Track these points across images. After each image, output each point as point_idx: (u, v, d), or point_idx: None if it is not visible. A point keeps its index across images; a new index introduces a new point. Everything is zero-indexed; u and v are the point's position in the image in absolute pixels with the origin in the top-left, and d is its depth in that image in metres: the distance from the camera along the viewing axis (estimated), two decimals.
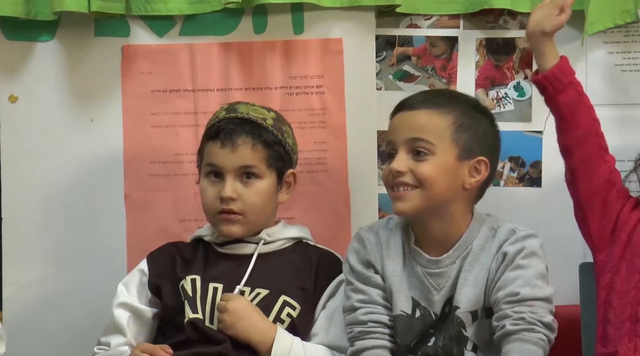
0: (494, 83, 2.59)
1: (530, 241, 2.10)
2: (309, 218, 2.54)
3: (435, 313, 2.12)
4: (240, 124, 2.23)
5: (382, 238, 2.18)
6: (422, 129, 2.09)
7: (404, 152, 2.09)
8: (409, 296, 2.14)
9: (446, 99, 2.14)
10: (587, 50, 2.54)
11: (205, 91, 2.61)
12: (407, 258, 2.16)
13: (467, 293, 2.09)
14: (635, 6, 2.48)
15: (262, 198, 2.23)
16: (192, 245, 2.31)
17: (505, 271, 2.07)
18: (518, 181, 2.58)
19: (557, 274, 2.35)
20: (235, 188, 2.22)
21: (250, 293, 2.21)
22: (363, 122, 2.57)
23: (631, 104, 2.53)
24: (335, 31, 2.58)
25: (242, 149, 2.21)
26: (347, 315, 2.16)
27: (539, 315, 2.02)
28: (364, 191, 2.57)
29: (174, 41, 2.60)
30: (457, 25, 2.59)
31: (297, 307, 2.20)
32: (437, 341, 2.12)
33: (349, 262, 2.19)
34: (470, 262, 2.12)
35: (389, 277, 2.15)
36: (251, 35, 2.59)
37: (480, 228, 2.14)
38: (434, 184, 2.08)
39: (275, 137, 2.25)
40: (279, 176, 2.26)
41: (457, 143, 2.09)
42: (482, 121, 2.15)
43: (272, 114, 2.29)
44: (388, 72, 2.61)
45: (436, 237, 2.14)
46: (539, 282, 2.06)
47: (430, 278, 2.13)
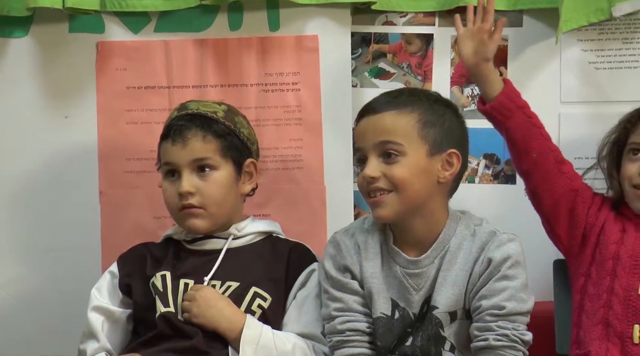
0: (469, 80, 2.59)
1: (513, 247, 2.10)
2: (285, 214, 2.55)
3: (414, 313, 2.12)
4: (190, 120, 2.23)
5: (359, 240, 2.17)
6: (388, 131, 2.09)
7: (375, 157, 2.09)
8: (388, 297, 2.14)
9: (407, 98, 2.13)
10: (561, 48, 2.55)
11: (180, 87, 2.60)
12: (386, 259, 2.16)
13: (446, 293, 2.10)
14: (609, 4, 2.48)
15: (221, 188, 2.23)
16: (162, 244, 2.32)
17: (491, 280, 2.07)
18: (493, 178, 2.59)
19: (532, 271, 2.35)
20: (192, 182, 2.21)
21: (221, 286, 2.21)
22: (339, 119, 2.57)
23: (605, 101, 2.54)
24: (310, 28, 2.58)
25: (192, 143, 2.21)
26: (326, 323, 2.16)
27: (521, 332, 2.05)
28: (339, 188, 2.58)
29: (149, 38, 2.60)
30: (433, 22, 2.60)
31: (268, 298, 2.21)
32: (415, 341, 2.12)
33: (324, 268, 2.18)
34: (448, 261, 2.12)
35: (368, 279, 2.14)
36: (227, 32, 2.59)
37: (457, 226, 2.14)
38: (409, 185, 2.08)
39: (227, 128, 2.25)
40: (237, 166, 2.26)
41: (426, 139, 2.09)
42: (447, 114, 2.15)
43: (224, 107, 2.29)
44: (364, 69, 2.62)
45: (417, 236, 2.14)
46: (524, 295, 2.08)
47: (410, 279, 2.13)
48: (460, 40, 2.21)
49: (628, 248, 2.19)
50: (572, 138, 2.52)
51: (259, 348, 2.13)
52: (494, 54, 2.18)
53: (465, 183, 2.57)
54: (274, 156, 2.58)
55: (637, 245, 2.19)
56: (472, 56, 2.18)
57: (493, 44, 2.18)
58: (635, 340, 2.14)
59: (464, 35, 2.21)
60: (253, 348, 2.13)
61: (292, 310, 2.22)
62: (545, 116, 2.53)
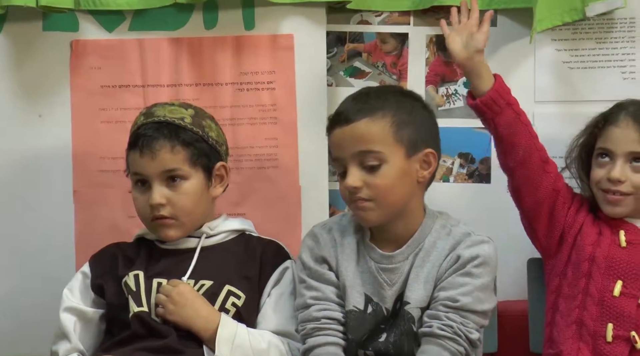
0: (443, 80, 2.60)
1: (485, 248, 2.11)
2: (260, 213, 2.55)
3: (387, 309, 2.13)
4: (157, 129, 2.21)
5: (335, 235, 2.18)
6: (365, 140, 2.08)
7: (355, 166, 2.09)
8: (362, 291, 2.14)
9: (376, 101, 2.12)
10: (535, 48, 2.56)
11: (155, 86, 2.59)
12: (361, 254, 2.17)
13: (417, 289, 2.11)
14: (583, 4, 2.50)
15: (192, 198, 2.23)
16: (135, 244, 2.31)
17: (454, 274, 2.08)
18: (467, 177, 2.60)
19: (506, 269, 2.38)
20: (162, 193, 2.21)
21: (195, 285, 2.21)
22: (314, 118, 2.57)
23: (578, 101, 2.56)
24: (286, 27, 2.57)
25: (161, 154, 2.20)
26: (300, 312, 2.16)
27: (468, 329, 2.05)
28: (314, 187, 2.58)
29: (124, 36, 2.59)
30: (408, 22, 2.61)
31: (241, 296, 2.21)
32: (389, 337, 2.13)
33: (301, 259, 2.19)
34: (422, 258, 2.13)
35: (342, 273, 2.15)
36: (202, 30, 2.58)
37: (433, 225, 2.15)
38: (392, 191, 2.09)
39: (195, 134, 2.23)
40: (207, 172, 2.25)
41: (402, 142, 2.10)
42: (415, 108, 2.15)
43: (191, 111, 2.27)
44: (339, 68, 2.62)
45: (395, 233, 2.15)
46: (482, 295, 2.08)
47: (383, 274, 2.14)
48: (449, 39, 2.21)
49: (604, 250, 2.19)
50: (546, 137, 2.51)
51: (235, 347, 2.13)
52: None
53: (440, 182, 2.58)
54: (249, 155, 2.57)
55: (613, 247, 2.20)
56: (464, 50, 2.18)
57: (482, 34, 2.18)
58: (608, 338, 2.15)
59: (451, 34, 2.21)
60: (229, 348, 2.13)
61: (266, 308, 2.22)
62: None
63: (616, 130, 2.21)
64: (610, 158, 2.21)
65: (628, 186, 2.19)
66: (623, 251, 2.19)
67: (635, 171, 2.20)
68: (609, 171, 2.20)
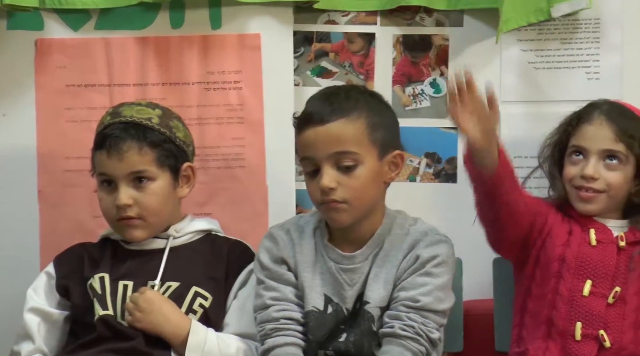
0: (410, 80, 2.61)
1: (443, 248, 2.12)
2: (227, 213, 2.54)
3: (347, 309, 2.13)
4: (124, 129, 2.20)
5: (293, 236, 2.18)
6: (342, 141, 2.07)
7: (329, 167, 2.08)
8: (321, 292, 2.14)
9: (347, 101, 2.11)
10: (501, 48, 2.57)
11: (121, 85, 2.58)
12: (320, 255, 2.16)
13: (377, 288, 2.11)
14: (549, 5, 2.51)
15: (159, 199, 2.22)
16: (100, 245, 2.30)
17: (414, 274, 2.09)
18: (434, 177, 2.61)
19: (471, 269, 2.38)
20: (129, 194, 2.20)
21: (161, 287, 2.20)
22: (281, 118, 2.56)
23: (544, 101, 2.57)
24: (252, 26, 2.57)
25: (129, 155, 2.19)
26: (259, 313, 2.15)
27: (428, 329, 2.06)
28: (281, 187, 2.57)
29: (89, 35, 2.57)
30: (375, 21, 2.61)
31: (208, 297, 2.20)
32: (349, 337, 2.13)
33: (260, 260, 2.18)
34: (381, 258, 2.13)
35: (301, 274, 2.15)
36: (168, 29, 2.57)
37: (392, 225, 2.16)
38: (365, 192, 2.09)
39: (162, 135, 2.22)
40: (174, 173, 2.25)
41: (375, 143, 2.10)
42: (383, 110, 2.15)
43: (158, 112, 2.26)
44: (306, 68, 2.62)
45: (356, 233, 2.15)
46: (441, 294, 2.09)
47: (344, 274, 2.13)
48: (463, 123, 2.02)
49: (573, 250, 2.20)
50: (511, 137, 2.54)
51: (205, 354, 2.12)
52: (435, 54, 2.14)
53: (407, 181, 2.59)
54: (216, 155, 2.57)
55: (583, 247, 2.21)
56: (483, 138, 2.02)
57: (496, 115, 2.04)
58: (577, 337, 2.16)
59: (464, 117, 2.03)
60: (199, 355, 2.12)
61: (233, 310, 2.22)
62: None
63: (590, 128, 2.22)
64: (584, 156, 2.22)
65: (601, 184, 2.21)
66: (593, 250, 2.20)
67: (609, 169, 2.21)
68: (583, 168, 2.21)
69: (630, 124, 2.23)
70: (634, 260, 2.20)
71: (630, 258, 2.20)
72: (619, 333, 2.17)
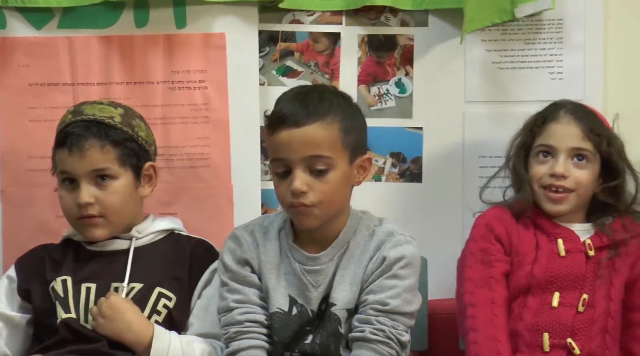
0: (375, 79, 2.61)
1: (409, 249, 2.11)
2: (192, 213, 2.53)
3: (312, 310, 2.13)
4: (86, 127, 2.19)
5: (257, 237, 2.17)
6: (316, 145, 2.06)
7: (302, 170, 2.07)
8: (286, 293, 2.14)
9: (321, 104, 2.09)
10: (465, 48, 2.58)
11: (85, 84, 2.56)
12: (285, 256, 2.16)
13: (343, 290, 2.11)
14: (512, 5, 2.52)
15: (120, 197, 2.20)
16: (62, 246, 2.28)
17: (381, 277, 2.09)
18: (399, 176, 2.62)
19: (436, 268, 2.40)
20: (90, 192, 2.18)
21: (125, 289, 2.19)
22: (246, 118, 2.57)
23: (508, 101, 2.58)
24: (217, 26, 2.56)
25: (91, 153, 2.18)
26: (223, 316, 2.14)
27: (398, 332, 2.06)
28: (247, 187, 2.57)
29: (53, 34, 2.55)
30: (340, 21, 2.61)
31: (172, 298, 2.19)
32: (315, 339, 2.12)
33: (223, 262, 2.17)
34: (347, 259, 2.13)
35: (265, 275, 2.14)
36: (132, 29, 2.56)
37: (357, 226, 2.15)
38: (336, 197, 2.09)
39: (125, 133, 2.21)
40: (136, 172, 2.24)
41: (347, 147, 2.09)
42: (354, 112, 2.15)
43: (120, 111, 2.25)
44: (271, 67, 2.61)
45: (321, 235, 2.14)
46: (409, 296, 2.09)
47: (308, 275, 2.13)
48: None
49: (542, 265, 2.20)
50: (476, 137, 2.56)
51: None
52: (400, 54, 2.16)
53: (372, 181, 2.59)
54: (181, 155, 2.56)
55: (552, 260, 2.21)
56: None
57: None
58: (545, 348, 2.16)
59: None
60: None
61: (197, 310, 2.21)
62: (450, 114, 2.59)
63: (558, 126, 2.23)
64: (552, 155, 2.23)
65: (571, 182, 2.21)
66: (562, 262, 2.21)
67: (578, 167, 2.22)
68: (552, 167, 2.22)
69: (596, 123, 2.24)
70: (602, 266, 2.21)
71: (598, 265, 2.21)
72: (588, 339, 2.18)
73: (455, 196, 2.56)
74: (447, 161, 2.58)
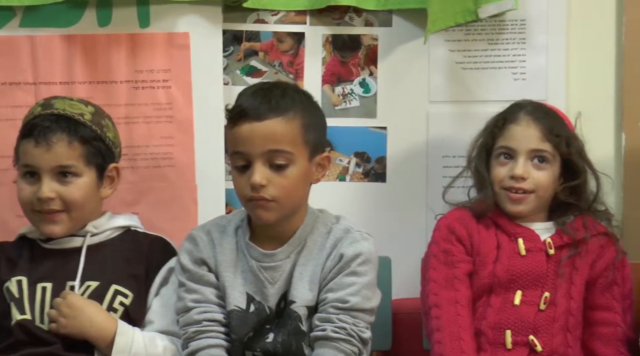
0: (340, 79, 2.62)
1: (366, 245, 2.12)
2: (156, 213, 2.53)
3: (270, 307, 2.13)
4: (55, 121, 2.17)
5: (214, 236, 2.17)
6: (277, 140, 2.06)
7: (261, 164, 2.07)
8: (244, 291, 2.14)
9: (283, 99, 2.10)
10: (429, 48, 2.59)
11: (47, 84, 2.55)
12: (241, 253, 2.16)
13: (302, 288, 2.11)
14: (475, 5, 2.53)
15: (82, 195, 2.19)
16: (17, 244, 2.25)
17: (340, 274, 2.09)
18: (363, 176, 2.62)
19: (400, 267, 2.41)
20: (52, 187, 2.16)
21: (80, 287, 2.17)
22: (210, 117, 2.56)
23: (471, 101, 2.60)
24: (181, 25, 2.56)
25: (57, 148, 2.16)
26: (181, 316, 2.14)
27: (359, 328, 2.06)
28: (211, 186, 2.57)
29: (14, 33, 2.53)
30: (304, 21, 2.61)
31: (129, 295, 2.18)
32: (277, 337, 2.12)
33: (180, 262, 2.17)
34: (305, 257, 2.13)
35: (221, 273, 2.14)
36: (95, 27, 2.55)
37: (315, 223, 2.16)
38: (294, 192, 2.09)
39: (94, 132, 2.20)
40: (99, 172, 2.22)
41: (307, 144, 2.10)
42: (316, 110, 2.16)
43: (91, 109, 2.23)
44: (235, 67, 2.61)
45: (278, 232, 2.14)
46: (369, 293, 2.10)
47: (265, 272, 2.13)
48: None
49: (504, 264, 2.21)
50: (439, 137, 2.57)
51: (132, 355, 2.10)
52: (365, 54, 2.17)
53: (337, 181, 2.60)
54: (145, 154, 2.55)
55: (513, 259, 2.22)
56: None
57: None
58: (508, 345, 2.17)
59: None
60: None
61: (156, 307, 2.20)
62: (414, 114, 2.60)
63: (518, 128, 2.24)
64: (512, 157, 2.24)
65: (530, 184, 2.22)
66: (523, 261, 2.22)
67: (537, 168, 2.23)
68: (512, 169, 2.23)
69: (555, 124, 2.26)
70: (562, 265, 2.22)
71: (558, 263, 2.23)
72: (550, 336, 2.19)
73: (419, 195, 2.57)
74: (411, 160, 2.59)
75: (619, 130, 2.56)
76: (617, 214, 2.42)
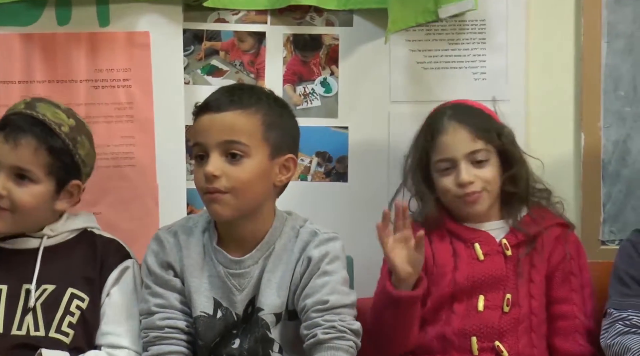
0: (301, 79, 2.62)
1: (333, 245, 2.13)
2: (117, 213, 2.51)
3: (237, 314, 2.12)
4: (31, 124, 2.16)
5: (181, 239, 2.16)
6: (234, 131, 2.07)
7: (217, 154, 2.07)
8: (210, 296, 2.13)
9: (249, 97, 2.12)
10: (390, 49, 2.60)
11: (5, 83, 2.52)
12: (208, 258, 2.15)
13: (271, 294, 2.11)
14: (436, 6, 2.55)
15: (31, 202, 2.16)
16: None
17: (312, 278, 2.09)
18: (325, 176, 2.62)
19: (363, 268, 2.41)
20: (5, 185, 2.15)
21: (37, 290, 2.15)
22: (171, 117, 2.55)
23: (432, 100, 2.59)
24: (141, 24, 2.54)
25: (22, 149, 2.14)
26: (144, 318, 2.13)
27: (348, 322, 2.07)
28: (172, 186, 2.56)
29: None
30: (265, 20, 2.61)
31: (85, 298, 2.17)
32: (243, 344, 2.12)
33: (147, 264, 2.16)
34: (273, 262, 2.13)
35: (188, 278, 2.13)
36: (54, 26, 2.53)
37: (283, 228, 2.16)
38: (249, 187, 2.08)
39: (65, 146, 2.18)
40: (59, 185, 2.20)
41: (268, 141, 2.10)
42: (284, 115, 2.16)
43: (72, 122, 2.21)
44: (196, 66, 2.60)
45: (244, 236, 2.14)
46: (345, 288, 2.10)
47: (232, 279, 2.12)
48: (392, 254, 2.14)
49: (463, 272, 2.23)
50: (401, 137, 2.57)
51: None
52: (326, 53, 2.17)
53: (298, 180, 2.59)
54: (105, 154, 2.53)
55: (471, 265, 2.23)
56: (409, 266, 2.13)
57: (421, 254, 2.14)
58: (474, 352, 2.19)
59: (394, 249, 2.14)
60: None
61: (108, 310, 2.18)
62: (375, 114, 2.61)
63: (447, 137, 2.25)
64: (452, 165, 2.25)
65: (478, 185, 2.24)
66: (482, 266, 2.23)
67: (479, 167, 2.25)
68: (457, 177, 2.24)
69: (480, 120, 2.28)
70: (520, 264, 2.24)
71: (517, 263, 2.24)
72: (515, 339, 2.20)
73: (380, 195, 2.57)
74: (372, 160, 2.60)
75: (578, 130, 2.59)
76: (575, 210, 2.47)
